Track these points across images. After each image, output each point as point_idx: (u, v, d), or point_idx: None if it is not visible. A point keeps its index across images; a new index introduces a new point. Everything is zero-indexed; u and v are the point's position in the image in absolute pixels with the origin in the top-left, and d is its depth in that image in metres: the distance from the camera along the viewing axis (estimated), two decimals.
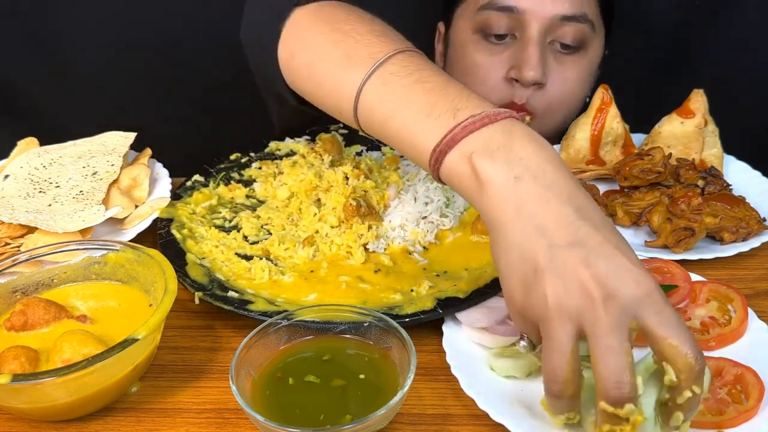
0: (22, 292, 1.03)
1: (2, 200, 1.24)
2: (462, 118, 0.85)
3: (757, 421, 0.91)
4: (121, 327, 0.97)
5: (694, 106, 1.39)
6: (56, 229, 1.14)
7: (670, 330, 0.75)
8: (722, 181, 1.31)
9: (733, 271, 1.19)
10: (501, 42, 1.47)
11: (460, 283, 1.08)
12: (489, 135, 0.83)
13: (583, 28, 1.44)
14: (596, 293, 0.74)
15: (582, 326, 0.75)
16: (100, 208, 1.20)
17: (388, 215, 1.22)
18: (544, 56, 1.43)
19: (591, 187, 1.32)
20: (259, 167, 1.38)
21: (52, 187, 1.26)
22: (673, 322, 0.75)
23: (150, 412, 0.96)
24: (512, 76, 1.45)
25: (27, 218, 1.17)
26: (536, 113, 1.48)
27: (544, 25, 1.41)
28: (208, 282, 1.10)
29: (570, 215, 0.77)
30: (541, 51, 1.42)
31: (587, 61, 1.50)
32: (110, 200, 1.25)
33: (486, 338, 1.02)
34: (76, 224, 1.16)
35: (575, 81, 1.49)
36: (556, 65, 1.46)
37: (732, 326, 1.04)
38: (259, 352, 0.93)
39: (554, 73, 1.46)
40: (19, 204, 1.22)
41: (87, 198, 1.23)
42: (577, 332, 0.75)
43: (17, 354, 0.90)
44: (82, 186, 1.25)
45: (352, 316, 0.96)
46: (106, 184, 1.25)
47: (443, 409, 0.95)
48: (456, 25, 1.56)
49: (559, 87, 1.47)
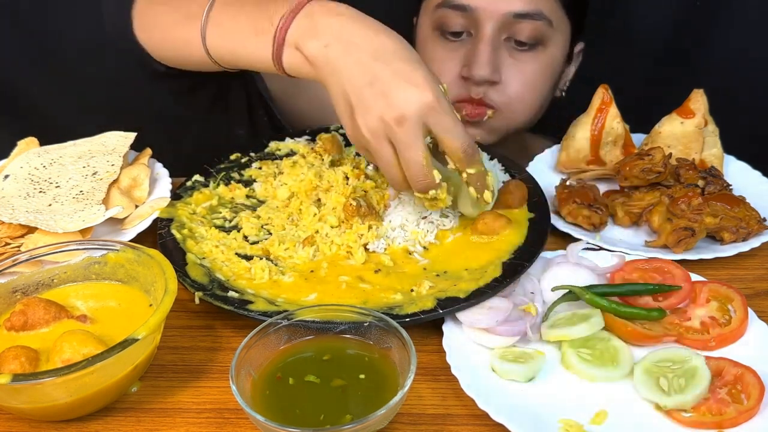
0: (22, 292, 1.03)
1: (2, 200, 1.24)
2: (276, 22, 1.07)
3: (757, 421, 0.91)
4: (121, 327, 0.97)
5: (694, 106, 1.39)
6: (56, 229, 1.14)
7: (448, 132, 1.03)
8: (722, 181, 1.31)
9: (733, 271, 1.19)
10: (457, 39, 1.48)
11: (461, 283, 1.08)
12: (297, 24, 1.06)
13: (539, 25, 1.44)
14: (392, 118, 1.00)
15: (392, 141, 1.03)
16: (100, 208, 1.20)
17: (388, 215, 1.22)
18: (497, 54, 1.44)
19: (591, 187, 1.32)
20: (259, 167, 1.38)
21: (52, 187, 1.26)
22: (450, 125, 1.03)
23: (150, 412, 0.96)
24: (464, 74, 1.47)
25: (27, 218, 1.17)
26: (498, 108, 1.48)
27: (497, 23, 1.42)
28: (208, 282, 1.10)
29: (367, 61, 1.01)
30: (492, 49, 1.43)
31: (547, 58, 1.49)
32: (110, 200, 1.25)
33: (486, 338, 1.02)
34: (76, 224, 1.16)
35: (534, 77, 1.49)
36: (513, 62, 1.46)
37: (732, 326, 1.04)
38: (259, 352, 0.93)
39: (511, 69, 1.46)
40: (19, 204, 1.22)
41: (87, 198, 1.23)
42: (392, 146, 1.04)
43: (17, 354, 0.90)
44: (82, 186, 1.25)
45: (352, 316, 0.96)
46: (106, 184, 1.25)
47: (443, 409, 0.96)
48: (420, 20, 1.57)
49: (516, 83, 1.47)
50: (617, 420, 0.93)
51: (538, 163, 1.45)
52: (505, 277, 1.08)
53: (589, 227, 1.26)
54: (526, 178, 1.30)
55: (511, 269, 1.09)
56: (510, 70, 1.47)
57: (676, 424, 0.92)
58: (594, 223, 1.25)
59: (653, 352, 0.99)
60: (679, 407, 0.92)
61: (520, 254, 1.13)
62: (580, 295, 1.05)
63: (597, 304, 1.04)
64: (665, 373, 0.95)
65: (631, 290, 1.08)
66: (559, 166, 1.43)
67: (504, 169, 1.33)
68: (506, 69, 1.46)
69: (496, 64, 1.45)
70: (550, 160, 1.46)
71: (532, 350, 1.02)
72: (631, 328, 1.02)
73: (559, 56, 1.53)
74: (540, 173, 1.38)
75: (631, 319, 1.03)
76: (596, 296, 1.05)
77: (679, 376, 0.94)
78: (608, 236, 1.27)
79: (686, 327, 1.06)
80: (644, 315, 1.04)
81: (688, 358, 0.97)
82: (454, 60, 1.48)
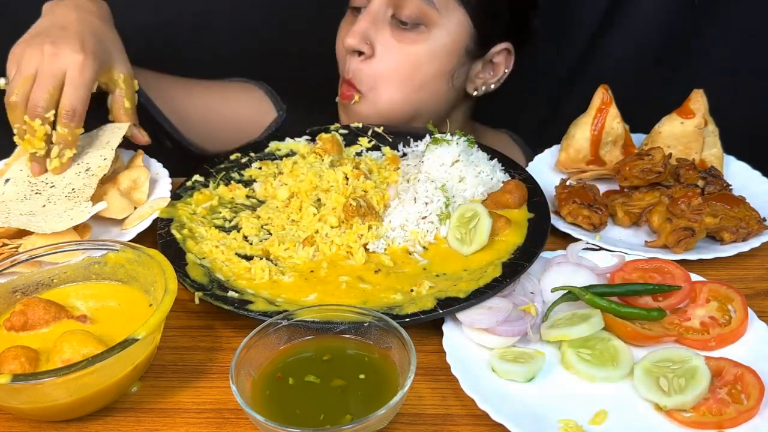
0: (22, 292, 1.03)
1: (1, 204, 1.24)
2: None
3: (757, 421, 0.91)
4: (121, 327, 0.97)
5: (694, 106, 1.39)
6: (45, 230, 1.14)
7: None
8: (722, 181, 1.31)
9: (733, 271, 1.19)
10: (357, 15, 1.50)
11: (461, 283, 1.08)
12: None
13: (422, 5, 1.44)
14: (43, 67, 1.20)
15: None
16: (88, 204, 1.20)
17: (388, 215, 1.22)
18: (376, 28, 1.45)
19: (591, 187, 1.32)
20: (259, 167, 1.38)
21: (47, 188, 1.26)
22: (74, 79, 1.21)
23: (150, 412, 0.96)
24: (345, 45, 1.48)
25: (20, 221, 1.17)
26: (362, 89, 1.48)
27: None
28: (208, 282, 1.10)
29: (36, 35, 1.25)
30: (369, 21, 1.44)
31: (431, 41, 1.47)
32: (110, 200, 1.24)
33: (486, 338, 1.02)
34: (65, 223, 1.15)
35: (414, 58, 1.47)
36: (394, 41, 1.46)
37: (732, 326, 1.04)
38: (259, 352, 0.93)
39: (388, 46, 1.46)
40: (15, 207, 1.22)
41: (78, 195, 1.22)
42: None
43: (17, 354, 0.90)
44: (74, 183, 1.25)
45: (352, 316, 0.96)
46: (97, 179, 1.25)
47: (443, 409, 0.96)
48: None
49: (389, 60, 1.46)
50: (617, 420, 0.93)
51: (538, 163, 1.45)
52: (505, 277, 1.08)
53: (589, 227, 1.26)
54: (526, 178, 1.30)
55: (511, 269, 1.09)
56: (387, 48, 1.46)
57: (676, 424, 0.92)
58: (594, 223, 1.25)
59: (653, 352, 0.99)
60: (679, 407, 0.92)
61: (520, 254, 1.13)
62: (579, 296, 1.05)
63: (597, 304, 1.04)
64: (665, 373, 0.95)
65: (631, 290, 1.08)
66: (559, 166, 1.43)
67: (504, 169, 1.33)
68: (383, 47, 1.46)
69: (368, 36, 1.45)
70: (550, 160, 1.46)
71: (532, 350, 1.02)
72: (630, 328, 1.02)
73: (448, 43, 1.49)
74: (540, 173, 1.38)
75: (631, 320, 1.03)
76: (596, 296, 1.05)
77: (679, 376, 0.94)
78: (608, 236, 1.27)
79: (686, 327, 1.06)
80: (644, 315, 1.04)
81: (688, 358, 0.96)
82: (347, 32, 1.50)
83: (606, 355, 1.00)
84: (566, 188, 1.32)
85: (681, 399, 0.92)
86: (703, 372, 0.94)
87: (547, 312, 1.07)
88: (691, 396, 0.92)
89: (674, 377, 0.94)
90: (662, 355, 0.98)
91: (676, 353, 0.98)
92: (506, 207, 1.23)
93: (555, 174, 1.42)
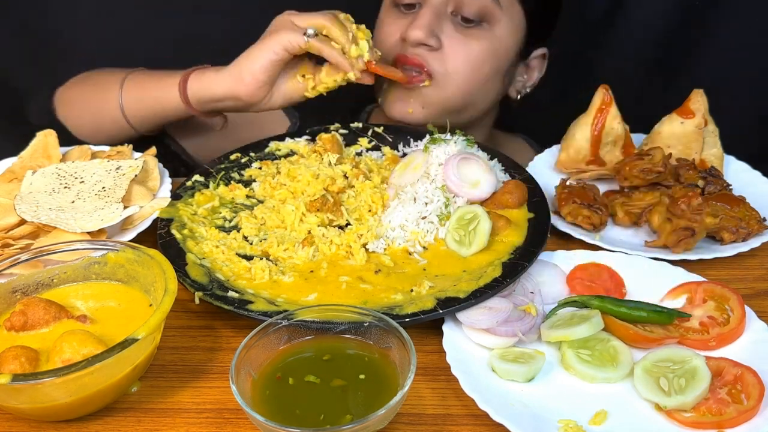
0: (22, 292, 1.03)
1: (29, 195, 1.23)
2: (178, 79, 1.41)
3: (757, 421, 0.91)
4: (121, 327, 0.97)
5: (694, 106, 1.39)
6: (75, 228, 1.14)
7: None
8: (722, 181, 1.31)
9: (732, 271, 1.19)
10: (410, 12, 1.49)
11: (460, 283, 1.08)
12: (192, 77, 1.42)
13: (488, 2, 1.44)
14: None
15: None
16: (119, 206, 1.20)
17: (388, 215, 1.22)
18: (438, 22, 1.45)
19: (591, 187, 1.32)
20: (259, 167, 1.38)
21: (77, 183, 1.25)
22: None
23: (150, 412, 0.96)
24: (402, 36, 1.46)
25: (49, 217, 1.16)
26: (435, 76, 1.46)
27: None
28: (208, 282, 1.10)
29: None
30: (433, 15, 1.44)
31: (493, 38, 1.48)
32: (132, 194, 1.24)
33: (486, 339, 1.02)
34: (94, 223, 1.15)
35: (476, 54, 1.47)
36: (458, 35, 1.46)
37: (731, 325, 1.04)
38: (259, 352, 0.93)
39: (454, 41, 1.46)
40: (44, 200, 1.21)
41: (108, 195, 1.22)
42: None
43: (17, 354, 0.90)
44: (105, 182, 1.25)
45: (352, 316, 0.96)
46: (128, 180, 1.25)
47: (443, 409, 0.96)
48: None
49: (458, 56, 1.46)
50: (617, 420, 0.93)
51: (538, 163, 1.45)
52: (505, 277, 1.08)
53: (589, 227, 1.26)
54: (526, 178, 1.30)
55: (511, 269, 1.09)
56: (453, 41, 1.46)
57: (676, 425, 0.92)
58: (594, 223, 1.25)
59: (653, 352, 0.99)
60: (679, 407, 0.92)
61: (519, 254, 1.13)
62: (588, 305, 1.05)
63: (607, 309, 1.04)
64: (665, 373, 0.95)
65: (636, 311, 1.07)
66: (559, 166, 1.43)
67: (504, 169, 1.33)
68: (449, 40, 1.46)
69: (434, 30, 1.44)
70: (550, 160, 1.46)
71: (532, 350, 1.01)
72: (633, 331, 1.02)
73: (508, 41, 1.50)
74: (540, 173, 1.38)
75: (634, 322, 1.03)
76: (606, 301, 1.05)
77: (680, 376, 0.94)
78: (608, 236, 1.27)
79: (686, 327, 1.05)
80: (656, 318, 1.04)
81: (688, 358, 0.96)
82: (399, 26, 1.49)
83: (606, 356, 1.00)
84: (566, 188, 1.32)
85: (681, 399, 0.92)
86: (703, 372, 0.94)
87: (549, 313, 1.07)
88: (691, 396, 0.92)
89: (674, 377, 0.94)
90: (662, 355, 0.98)
91: (676, 353, 0.98)
92: (506, 207, 1.23)
93: (555, 174, 1.42)
